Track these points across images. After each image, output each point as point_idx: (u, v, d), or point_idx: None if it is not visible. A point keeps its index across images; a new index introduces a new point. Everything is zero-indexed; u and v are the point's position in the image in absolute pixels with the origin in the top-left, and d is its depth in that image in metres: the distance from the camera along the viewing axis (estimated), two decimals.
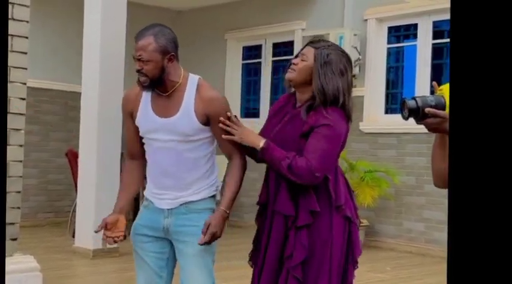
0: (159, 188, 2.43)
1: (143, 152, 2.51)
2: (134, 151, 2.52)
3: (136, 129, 2.46)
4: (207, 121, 2.37)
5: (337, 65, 2.37)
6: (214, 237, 2.31)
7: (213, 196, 2.47)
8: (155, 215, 2.42)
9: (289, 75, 2.43)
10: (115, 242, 2.42)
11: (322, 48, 2.40)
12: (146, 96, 2.42)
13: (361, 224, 6.38)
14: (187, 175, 2.40)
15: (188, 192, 2.40)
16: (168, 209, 2.40)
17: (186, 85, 2.38)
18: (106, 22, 5.67)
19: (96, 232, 2.42)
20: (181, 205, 2.40)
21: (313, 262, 2.35)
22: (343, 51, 2.46)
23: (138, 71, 2.33)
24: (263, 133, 2.48)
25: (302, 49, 2.48)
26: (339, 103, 2.35)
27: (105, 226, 2.41)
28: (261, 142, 2.33)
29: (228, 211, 2.36)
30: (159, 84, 2.36)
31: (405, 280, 5.01)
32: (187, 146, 2.38)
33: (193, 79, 2.41)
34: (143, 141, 2.48)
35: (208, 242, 2.31)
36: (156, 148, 2.42)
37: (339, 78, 2.36)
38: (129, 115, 2.47)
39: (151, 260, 2.44)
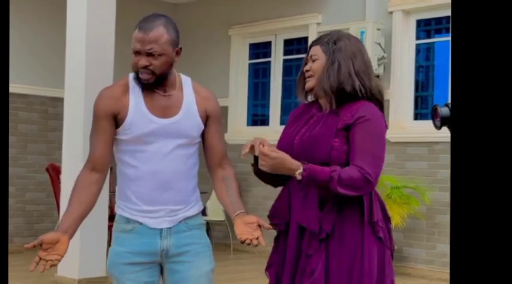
0: (154, 204, 2.40)
1: (108, 166, 2.46)
2: (101, 162, 2.41)
3: (113, 135, 2.41)
4: (206, 120, 2.47)
5: (347, 48, 2.47)
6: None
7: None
8: (148, 237, 2.40)
9: (309, 83, 2.52)
10: (49, 267, 2.27)
11: (328, 40, 2.51)
12: (136, 95, 2.40)
13: None
14: (186, 186, 2.44)
15: (184, 205, 2.44)
16: (167, 228, 2.41)
17: (182, 83, 2.47)
18: (92, 16, 5.70)
19: (26, 248, 2.26)
20: (180, 222, 2.43)
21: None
22: (350, 34, 2.59)
23: (145, 67, 2.32)
24: (284, 137, 2.54)
25: (307, 55, 2.59)
26: (349, 91, 2.43)
27: (40, 245, 2.27)
28: (298, 169, 2.31)
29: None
30: (161, 82, 2.39)
31: None
32: (187, 150, 2.43)
33: (186, 78, 2.51)
34: (124, 148, 2.42)
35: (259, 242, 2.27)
36: (151, 154, 2.39)
37: (351, 62, 2.45)
38: (111, 117, 2.39)
39: None
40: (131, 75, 2.41)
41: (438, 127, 1.97)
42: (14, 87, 7.18)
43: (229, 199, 2.42)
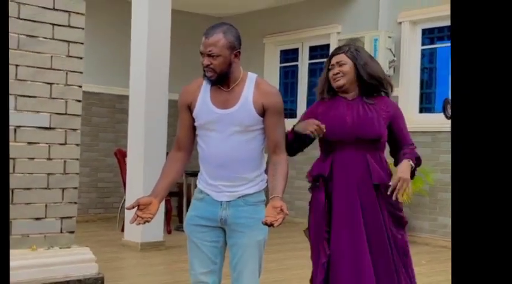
0: (215, 179, 2.45)
1: (191, 146, 2.54)
2: (183, 143, 2.53)
3: (191, 121, 2.49)
4: (263, 112, 2.42)
5: (365, 55, 2.75)
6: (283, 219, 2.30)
7: (264, 190, 2.50)
8: (212, 207, 2.46)
9: (340, 82, 2.72)
10: (144, 223, 2.38)
11: (348, 49, 2.74)
12: (205, 90, 2.46)
13: None
14: (241, 166, 2.43)
15: (243, 183, 2.44)
16: (226, 201, 2.44)
17: (246, 81, 2.45)
18: (152, 29, 5.76)
19: (127, 208, 2.40)
20: (238, 198, 2.44)
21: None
22: (359, 46, 2.87)
23: (207, 66, 2.38)
24: (333, 118, 2.71)
25: (329, 63, 2.77)
26: (387, 85, 2.76)
27: (138, 206, 2.37)
28: (410, 163, 2.66)
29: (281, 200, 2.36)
30: (224, 79, 2.42)
31: (440, 273, 4.96)
32: (243, 137, 2.42)
33: (252, 76, 2.49)
34: (198, 133, 2.50)
35: (275, 224, 2.26)
36: (213, 139, 2.44)
37: (375, 63, 2.77)
38: (187, 107, 2.49)
39: (207, 249, 2.48)
40: None
41: (449, 118, 1.98)
42: (88, 87, 7.27)
43: (272, 182, 2.40)
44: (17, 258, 2.79)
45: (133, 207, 2.38)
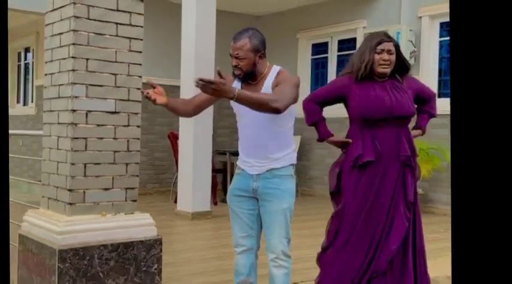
0: (247, 156, 2.53)
1: (196, 108, 2.70)
2: (195, 101, 2.72)
3: (207, 101, 2.64)
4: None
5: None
6: (206, 86, 2.19)
7: (292, 165, 2.54)
8: (246, 179, 2.53)
9: (387, 70, 2.73)
10: (148, 98, 2.60)
11: (393, 39, 2.79)
12: (237, 85, 2.54)
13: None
14: (269, 145, 2.47)
15: (271, 160, 2.48)
16: (256, 174, 2.50)
17: (270, 73, 2.51)
18: (199, 28, 5.85)
19: (152, 84, 2.59)
20: (267, 171, 2.49)
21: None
22: None
23: (235, 66, 2.45)
24: (371, 99, 2.73)
25: (376, 46, 2.71)
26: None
27: (154, 88, 2.60)
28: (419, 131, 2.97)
29: (235, 96, 2.21)
30: (250, 76, 2.49)
31: None
32: (269, 121, 2.45)
33: (276, 68, 2.53)
34: (236, 118, 2.58)
35: (201, 81, 2.19)
36: (245, 123, 2.52)
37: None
38: None
39: (245, 216, 2.55)
40: None
41: None
42: (145, 78, 7.41)
43: None
44: (90, 222, 2.95)
45: (152, 86, 2.59)
